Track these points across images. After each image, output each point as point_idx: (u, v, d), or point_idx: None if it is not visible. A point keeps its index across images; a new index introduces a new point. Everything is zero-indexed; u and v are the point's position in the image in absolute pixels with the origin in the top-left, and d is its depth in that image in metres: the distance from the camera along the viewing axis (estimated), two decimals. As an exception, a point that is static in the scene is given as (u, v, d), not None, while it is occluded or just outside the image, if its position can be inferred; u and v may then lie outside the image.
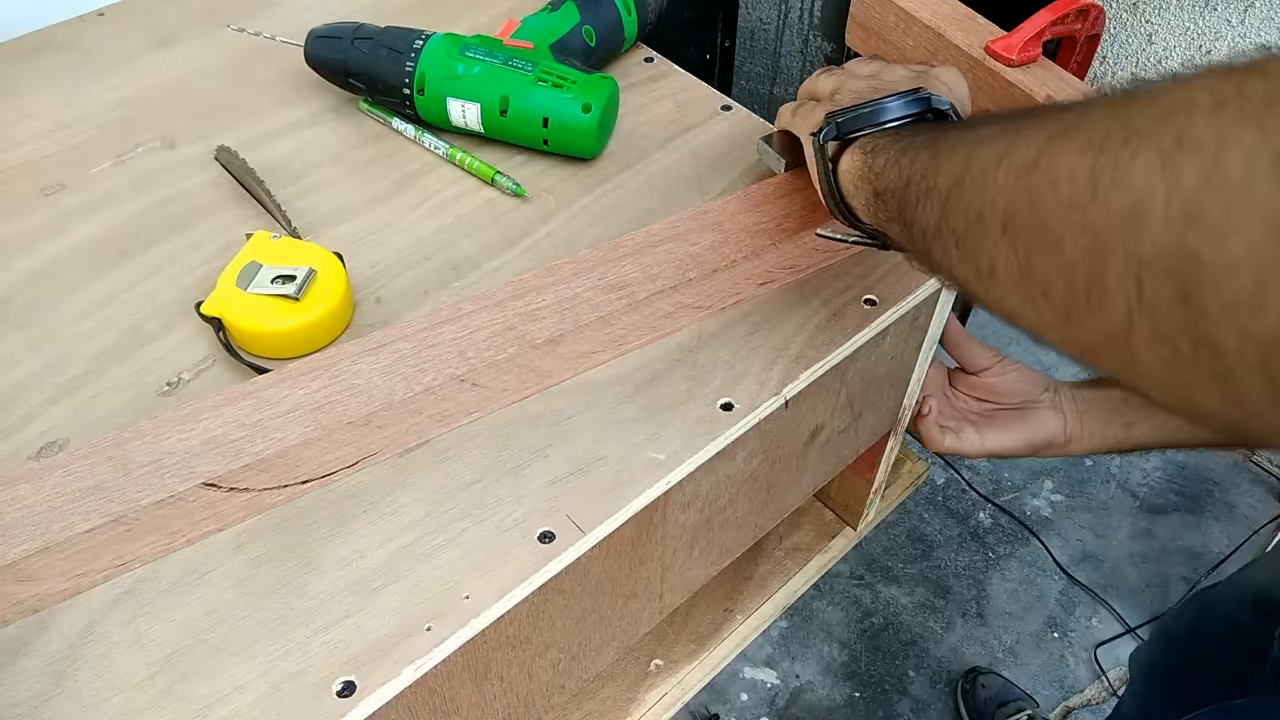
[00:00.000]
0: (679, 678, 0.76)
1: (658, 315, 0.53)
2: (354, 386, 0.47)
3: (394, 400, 0.47)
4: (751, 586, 0.81)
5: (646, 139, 0.68)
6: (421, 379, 0.47)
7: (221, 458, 0.44)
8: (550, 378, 0.51)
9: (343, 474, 0.48)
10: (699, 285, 0.53)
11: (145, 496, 0.43)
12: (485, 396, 0.50)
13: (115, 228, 0.62)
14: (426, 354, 0.48)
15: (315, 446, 0.46)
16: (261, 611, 0.43)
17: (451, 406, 0.49)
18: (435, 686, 0.44)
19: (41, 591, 0.43)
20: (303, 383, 0.47)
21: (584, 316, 0.50)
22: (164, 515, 0.44)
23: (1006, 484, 1.63)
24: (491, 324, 0.50)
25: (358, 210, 0.63)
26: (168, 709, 0.40)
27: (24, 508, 0.42)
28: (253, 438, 0.45)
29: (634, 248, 0.54)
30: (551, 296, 0.51)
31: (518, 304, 0.51)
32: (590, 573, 0.49)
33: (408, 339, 0.49)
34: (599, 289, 0.52)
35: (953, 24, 0.56)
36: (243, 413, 0.46)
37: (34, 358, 0.54)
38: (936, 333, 0.64)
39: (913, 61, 0.58)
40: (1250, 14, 1.07)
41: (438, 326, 0.50)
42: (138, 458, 0.44)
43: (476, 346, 0.49)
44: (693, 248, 0.53)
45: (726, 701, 1.41)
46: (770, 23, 1.37)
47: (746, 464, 0.55)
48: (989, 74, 0.53)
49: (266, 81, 0.73)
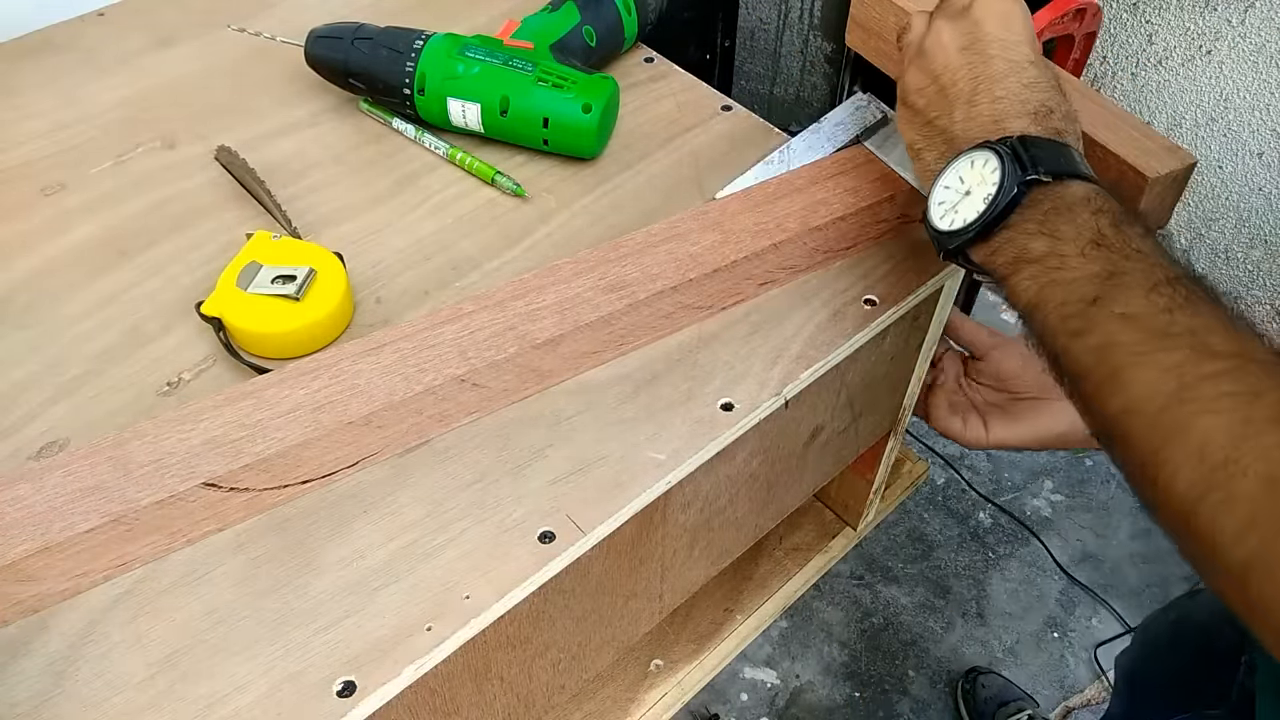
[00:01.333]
0: (679, 678, 0.76)
1: (658, 315, 0.53)
2: (354, 386, 0.47)
3: (394, 400, 0.47)
4: (751, 586, 0.81)
5: (646, 139, 0.68)
6: (422, 379, 0.47)
7: (222, 458, 0.44)
8: (551, 378, 0.51)
9: (343, 474, 0.48)
10: (699, 285, 0.53)
11: (146, 496, 0.43)
12: (485, 396, 0.50)
13: (115, 228, 0.62)
14: (427, 354, 0.48)
15: (315, 446, 0.46)
16: (262, 611, 0.43)
17: (452, 406, 0.49)
18: (435, 686, 0.44)
19: (42, 591, 0.43)
20: (303, 383, 0.47)
21: (584, 316, 0.50)
22: (164, 515, 0.43)
23: (1006, 484, 1.63)
24: (492, 324, 0.50)
25: (358, 210, 0.63)
26: (168, 709, 0.40)
27: (24, 507, 0.42)
28: (253, 438, 0.45)
29: (634, 248, 0.54)
30: (552, 296, 0.51)
31: (518, 304, 0.51)
32: (590, 573, 0.49)
33: (408, 339, 0.49)
34: (599, 289, 0.52)
35: None
36: (243, 413, 0.46)
37: (34, 358, 0.54)
38: (937, 333, 0.64)
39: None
40: (1250, 14, 1.07)
41: (438, 326, 0.50)
42: (138, 458, 0.44)
43: (477, 346, 0.49)
44: (693, 248, 0.53)
45: (726, 701, 1.41)
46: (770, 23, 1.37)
47: (746, 464, 0.55)
48: None
49: (266, 81, 0.73)
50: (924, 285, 0.57)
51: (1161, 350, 0.34)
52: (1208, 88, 1.15)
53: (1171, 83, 1.18)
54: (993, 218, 0.42)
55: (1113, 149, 0.49)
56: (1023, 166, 0.42)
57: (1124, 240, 0.39)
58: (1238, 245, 1.25)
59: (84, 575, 0.43)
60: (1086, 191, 0.41)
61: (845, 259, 0.58)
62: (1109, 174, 0.49)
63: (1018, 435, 0.65)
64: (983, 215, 0.43)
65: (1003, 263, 0.42)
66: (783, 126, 0.70)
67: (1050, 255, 0.40)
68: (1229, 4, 1.07)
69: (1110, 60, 1.21)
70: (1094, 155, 0.50)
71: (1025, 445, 0.66)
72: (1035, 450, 0.65)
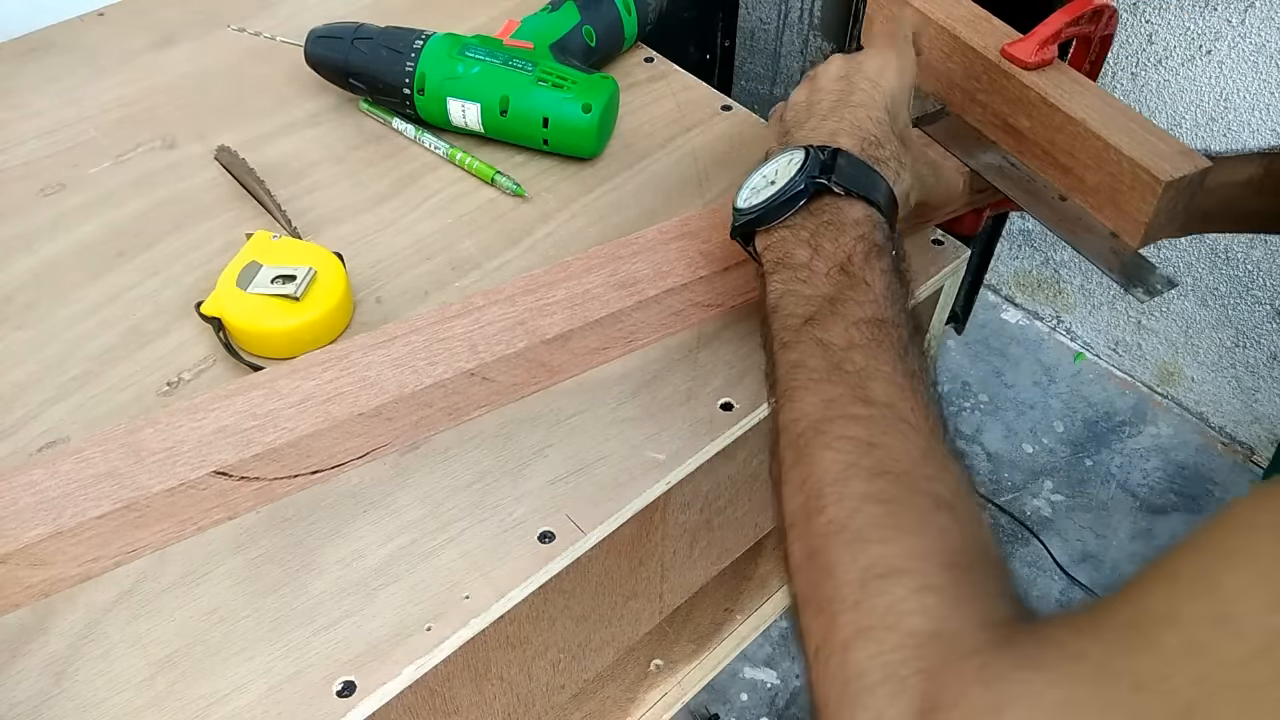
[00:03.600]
0: (679, 678, 0.76)
1: (669, 312, 0.53)
2: (365, 378, 0.47)
3: (404, 392, 0.47)
4: (751, 586, 0.81)
5: (647, 139, 0.68)
6: (432, 372, 0.47)
7: (233, 447, 0.44)
8: (560, 373, 0.51)
9: (353, 464, 0.48)
10: (710, 283, 0.53)
11: (157, 484, 0.43)
12: (495, 390, 0.50)
13: (115, 228, 0.62)
14: (438, 347, 0.48)
15: (326, 437, 0.46)
16: (261, 611, 0.43)
17: (461, 400, 0.49)
18: (435, 686, 0.44)
19: (53, 576, 0.43)
20: (314, 374, 0.47)
21: (594, 312, 0.50)
22: (175, 502, 0.44)
23: (1006, 484, 1.63)
24: (503, 318, 0.50)
25: (358, 210, 0.63)
26: (168, 709, 0.40)
27: (37, 492, 0.42)
28: (264, 427, 0.45)
29: (646, 245, 0.54)
30: (563, 292, 0.51)
31: (529, 299, 0.51)
32: (590, 573, 0.49)
33: (419, 332, 0.49)
34: (610, 285, 0.52)
35: (968, 26, 0.56)
36: (255, 402, 0.46)
37: (34, 358, 0.54)
38: (937, 333, 0.64)
39: (925, 66, 0.58)
40: (1250, 14, 1.07)
41: (449, 320, 0.50)
42: (150, 445, 0.44)
43: (487, 341, 0.49)
44: (704, 245, 0.53)
45: (726, 701, 1.41)
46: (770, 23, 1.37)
47: (747, 464, 0.55)
48: (1004, 77, 0.53)
49: (266, 81, 0.73)
50: (923, 285, 0.57)
51: (828, 382, 0.36)
52: (1208, 88, 1.15)
53: (1171, 83, 1.18)
54: (775, 204, 0.44)
55: (1126, 151, 0.49)
56: (822, 169, 0.43)
57: (865, 270, 0.40)
58: (1238, 245, 1.25)
59: (95, 561, 0.43)
60: (865, 215, 0.43)
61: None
62: (1123, 177, 0.49)
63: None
64: (767, 200, 0.44)
65: (770, 260, 0.43)
66: (783, 126, 0.69)
67: (804, 267, 0.41)
68: (1229, 4, 1.07)
69: (1110, 60, 1.21)
70: (1108, 158, 0.50)
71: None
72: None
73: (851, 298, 0.39)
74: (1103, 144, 0.50)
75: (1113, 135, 0.49)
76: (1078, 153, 0.52)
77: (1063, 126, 0.52)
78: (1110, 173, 0.50)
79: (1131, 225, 0.51)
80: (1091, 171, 0.51)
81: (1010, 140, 0.56)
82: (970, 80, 0.56)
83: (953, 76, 0.57)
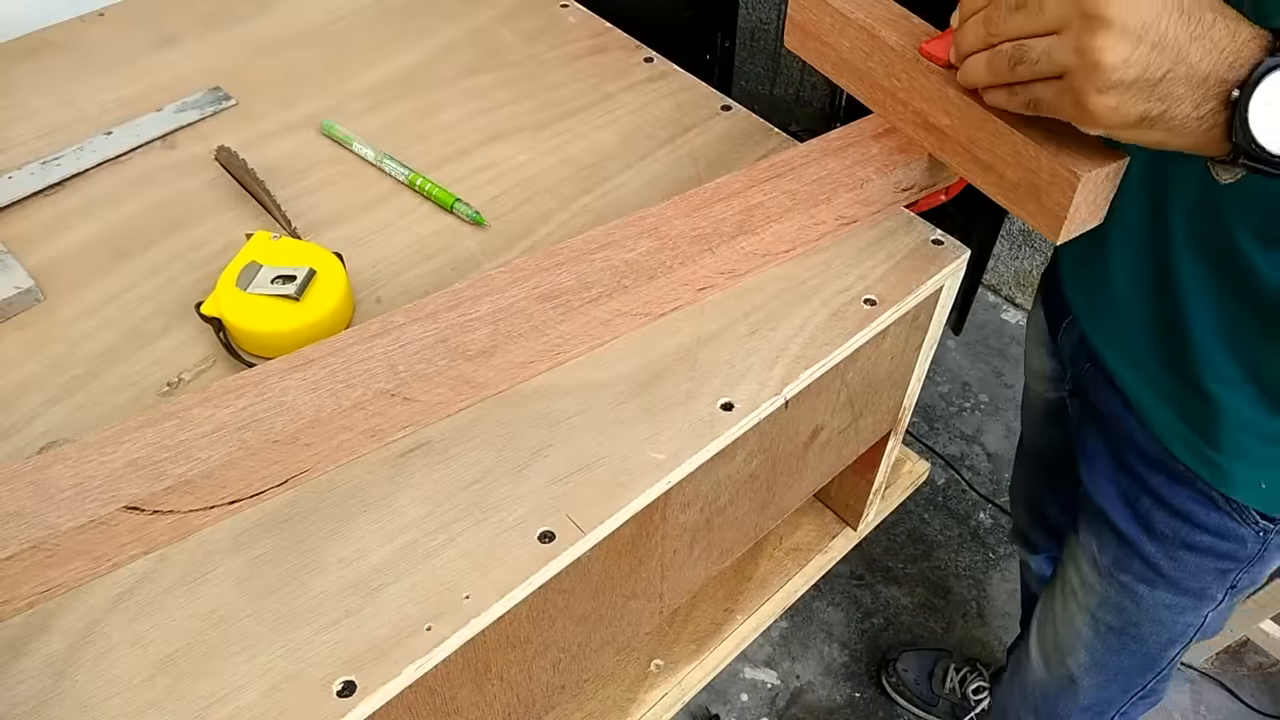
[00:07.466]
0: (679, 678, 0.76)
1: (595, 323, 0.52)
2: (280, 404, 0.46)
3: (322, 416, 0.46)
4: (751, 586, 0.81)
5: (647, 139, 0.68)
6: (350, 394, 0.46)
7: (144, 480, 0.43)
8: (485, 389, 0.51)
9: (272, 493, 0.47)
10: (635, 292, 0.52)
11: (66, 521, 0.42)
12: (418, 410, 0.49)
13: (115, 228, 0.62)
14: (356, 369, 0.48)
15: (240, 466, 0.45)
16: (262, 611, 0.43)
17: (383, 421, 0.48)
18: (435, 686, 0.44)
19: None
20: (227, 401, 0.46)
21: (518, 327, 0.49)
22: (87, 540, 0.43)
23: (1006, 484, 1.63)
24: (423, 336, 0.49)
25: (358, 210, 0.63)
26: (168, 709, 0.40)
27: None
28: (176, 459, 0.44)
29: (569, 255, 0.53)
30: (486, 307, 0.50)
31: (451, 315, 0.50)
32: (590, 573, 0.49)
33: (336, 354, 0.48)
34: (534, 298, 0.51)
35: (887, 25, 0.56)
36: (166, 433, 0.45)
37: (34, 358, 0.54)
38: (937, 333, 0.64)
39: (846, 65, 0.58)
40: (1250, 14, 1.06)
41: (368, 340, 0.49)
42: (59, 482, 0.43)
43: (408, 360, 0.48)
44: (629, 254, 0.53)
45: (726, 702, 1.41)
46: (770, 23, 1.37)
47: (746, 464, 0.55)
48: (923, 75, 0.54)
49: (266, 81, 0.73)
50: (924, 285, 0.57)
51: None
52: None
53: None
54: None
55: (1044, 147, 0.49)
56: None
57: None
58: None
59: (7, 603, 0.42)
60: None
61: (783, 263, 0.57)
62: (1041, 173, 0.50)
63: None
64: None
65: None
66: (783, 126, 0.70)
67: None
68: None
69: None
70: (1026, 154, 0.50)
71: None
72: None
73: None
74: (1020, 140, 0.50)
75: (1030, 131, 0.50)
76: (997, 150, 0.52)
77: (982, 124, 0.52)
78: (1029, 169, 0.50)
79: (1052, 220, 0.51)
80: (1011, 168, 0.51)
81: (932, 139, 0.56)
82: (891, 79, 0.56)
83: (874, 76, 0.57)
